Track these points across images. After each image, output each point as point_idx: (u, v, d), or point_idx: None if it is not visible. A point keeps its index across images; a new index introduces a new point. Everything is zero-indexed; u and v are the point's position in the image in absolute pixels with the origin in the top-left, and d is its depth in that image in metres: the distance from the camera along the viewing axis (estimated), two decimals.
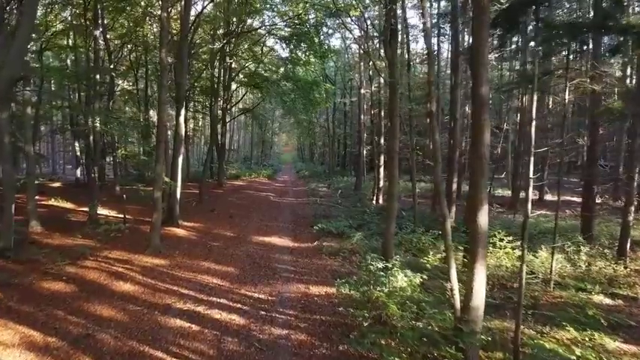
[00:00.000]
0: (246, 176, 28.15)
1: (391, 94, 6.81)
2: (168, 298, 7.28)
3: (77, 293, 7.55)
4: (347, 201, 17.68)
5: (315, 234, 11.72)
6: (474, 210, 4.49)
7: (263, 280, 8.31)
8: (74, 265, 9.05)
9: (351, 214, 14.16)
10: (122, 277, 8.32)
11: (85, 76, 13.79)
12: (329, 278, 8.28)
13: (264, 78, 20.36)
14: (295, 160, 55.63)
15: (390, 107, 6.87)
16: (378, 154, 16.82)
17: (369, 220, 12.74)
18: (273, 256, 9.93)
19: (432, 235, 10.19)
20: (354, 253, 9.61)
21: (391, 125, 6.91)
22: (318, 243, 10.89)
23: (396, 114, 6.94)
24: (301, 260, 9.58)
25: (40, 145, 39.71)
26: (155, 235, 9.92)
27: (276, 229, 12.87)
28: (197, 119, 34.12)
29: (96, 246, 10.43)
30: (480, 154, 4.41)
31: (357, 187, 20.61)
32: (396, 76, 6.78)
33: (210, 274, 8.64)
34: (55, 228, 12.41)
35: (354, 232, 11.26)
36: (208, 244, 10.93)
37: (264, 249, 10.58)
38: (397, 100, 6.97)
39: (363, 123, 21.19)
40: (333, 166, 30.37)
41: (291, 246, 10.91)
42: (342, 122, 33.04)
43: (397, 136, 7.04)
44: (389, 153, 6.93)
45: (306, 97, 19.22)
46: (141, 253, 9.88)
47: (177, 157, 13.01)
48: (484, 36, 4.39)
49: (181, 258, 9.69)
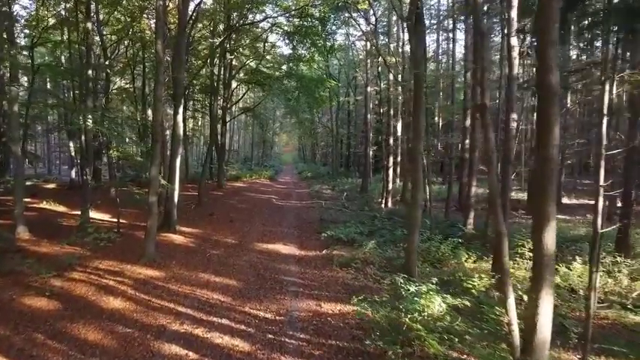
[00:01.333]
0: (247, 177, 27.31)
1: (416, 87, 6.00)
2: (163, 318, 6.46)
3: (61, 311, 6.73)
4: (353, 204, 16.85)
5: (323, 241, 10.90)
6: (540, 226, 3.64)
7: (269, 294, 7.50)
8: (60, 277, 8.23)
9: (359, 218, 13.34)
10: (112, 292, 7.50)
11: (77, 73, 12.96)
12: (342, 293, 7.46)
13: (267, 75, 19.53)
14: (296, 160, 54.77)
15: (414, 102, 6.06)
16: (387, 155, 16.02)
17: (380, 225, 11.92)
18: (278, 267, 9.11)
19: (450, 244, 9.38)
20: (368, 263, 8.78)
21: (415, 123, 6.11)
22: (327, 252, 10.07)
23: (421, 110, 6.13)
24: (310, 271, 8.76)
25: (36, 145, 38.96)
26: (150, 243, 9.10)
27: (280, 236, 12.06)
28: (196, 119, 33.29)
29: (86, 255, 9.61)
30: (548, 156, 3.52)
31: (364, 189, 19.76)
32: (421, 67, 5.97)
33: (210, 287, 7.82)
34: (44, 234, 11.59)
35: (365, 239, 10.44)
36: (208, 253, 10.11)
37: (268, 258, 9.77)
38: (423, 94, 6.16)
39: (369, 122, 20.38)
40: (336, 167, 29.54)
41: (298, 255, 10.09)
42: (345, 122, 32.20)
43: (422, 135, 6.22)
44: (412, 154, 6.11)
45: (310, 95, 18.38)
46: (134, 263, 9.06)
47: (174, 157, 12.20)
48: (553, 7, 3.50)
49: (178, 268, 8.87)
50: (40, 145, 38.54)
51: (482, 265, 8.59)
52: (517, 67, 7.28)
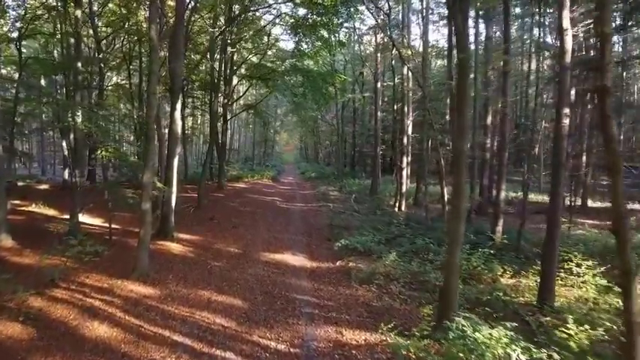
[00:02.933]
0: (248, 178, 26.22)
1: (461, 75, 4.96)
2: (156, 350, 5.43)
3: (36, 342, 5.68)
4: (364, 207, 15.80)
5: (336, 251, 9.85)
6: None
7: (280, 318, 6.46)
8: (40, 295, 7.18)
9: (373, 224, 12.29)
10: (98, 315, 6.45)
11: (67, 66, 11.90)
12: (366, 317, 6.41)
13: (271, 69, 18.43)
14: (298, 160, 53.64)
15: (459, 94, 5.02)
16: (400, 155, 14.96)
17: (397, 232, 10.87)
18: (288, 282, 8.07)
19: (481, 255, 8.33)
20: (391, 279, 7.74)
21: (459, 118, 5.06)
22: (342, 263, 9.04)
23: (466, 103, 5.08)
24: (325, 288, 7.71)
25: (30, 144, 37.81)
26: (142, 254, 8.05)
27: (287, 243, 11.01)
28: (196, 116, 32.22)
29: (72, 267, 8.51)
30: None
31: (373, 191, 18.69)
32: (467, 51, 4.92)
33: (211, 309, 6.78)
34: (28, 241, 10.54)
35: (383, 249, 9.41)
36: (209, 265, 9.06)
37: (276, 271, 8.72)
38: (468, 84, 5.12)
39: (379, 120, 19.31)
40: (342, 167, 28.46)
41: (309, 267, 9.04)
42: (349, 120, 31.06)
43: (467, 133, 5.18)
44: (456, 155, 5.04)
45: (317, 90, 17.29)
46: (125, 278, 8.00)
47: (172, 158, 11.15)
48: None
49: (175, 284, 7.81)
50: (37, 143, 37.38)
51: (522, 281, 7.57)
52: (570, 54, 6.22)
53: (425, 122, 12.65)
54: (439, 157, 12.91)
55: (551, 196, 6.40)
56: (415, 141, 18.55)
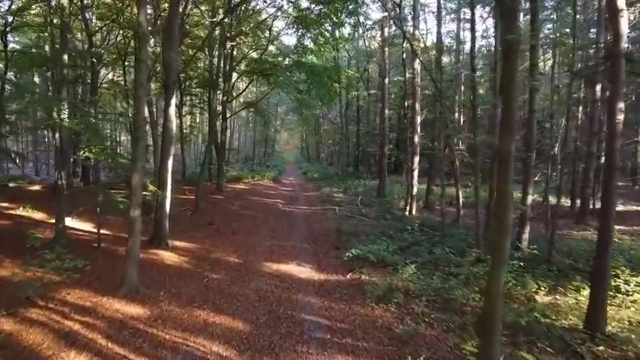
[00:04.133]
0: (249, 178, 25.30)
1: (508, 60, 4.06)
2: None
3: None
4: (371, 210, 14.90)
5: (346, 261, 8.94)
6: None
7: (286, 345, 5.57)
8: (14, 316, 6.31)
9: (384, 230, 11.41)
10: (77, 342, 5.56)
11: (52, 59, 11.00)
12: (387, 344, 5.52)
13: (273, 64, 17.48)
14: (298, 159, 52.66)
15: (504, 83, 4.14)
16: (411, 155, 14.06)
17: (412, 240, 9.97)
18: (294, 298, 7.18)
19: (511, 269, 7.44)
20: (412, 297, 6.85)
21: (506, 112, 4.19)
22: (354, 276, 8.15)
23: (513, 95, 4.19)
24: (336, 307, 6.82)
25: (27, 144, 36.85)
26: (131, 268, 7.16)
27: (292, 252, 10.13)
28: (194, 115, 31.31)
29: (53, 281, 7.60)
30: None
31: (380, 194, 17.77)
32: (516, 30, 4.03)
33: (208, 333, 5.89)
34: (10, 249, 9.66)
35: (398, 259, 8.52)
36: (206, 277, 8.17)
37: (280, 285, 7.83)
38: (517, 71, 4.23)
39: (386, 118, 18.37)
40: (345, 167, 27.53)
41: (317, 280, 8.15)
42: (352, 119, 30.09)
43: (514, 130, 4.29)
44: (501, 157, 4.16)
45: (323, 87, 16.35)
46: (111, 295, 7.12)
47: (166, 158, 10.25)
48: None
49: (167, 302, 6.92)
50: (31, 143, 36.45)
51: (561, 300, 6.68)
52: (624, 39, 5.34)
53: (439, 119, 11.76)
54: (454, 157, 12.05)
55: (602, 204, 5.54)
56: (423, 140, 17.69)
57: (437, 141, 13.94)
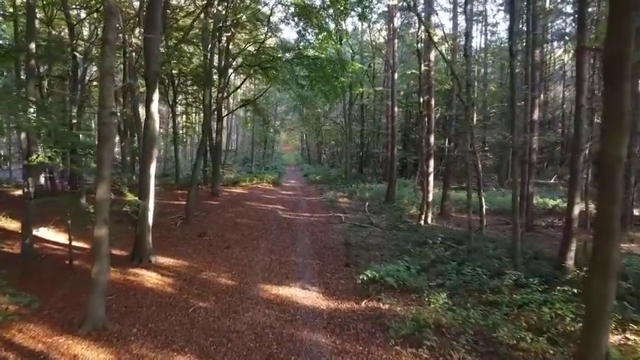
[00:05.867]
0: (247, 182, 23.87)
1: (620, 39, 2.70)
2: None
3: None
4: (381, 218, 13.48)
5: (359, 283, 7.52)
6: None
7: None
8: None
9: (399, 242, 10.02)
10: None
11: (19, 49, 9.62)
12: None
13: (272, 57, 16.06)
14: (299, 161, 51.15)
15: (611, 73, 2.77)
16: (427, 157, 12.66)
17: (434, 257, 8.53)
18: (298, 336, 5.77)
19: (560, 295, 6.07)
20: (448, 336, 5.44)
21: (612, 104, 2.82)
22: (370, 304, 6.75)
23: (623, 88, 2.82)
24: (351, 349, 5.41)
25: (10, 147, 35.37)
26: (96, 301, 5.76)
27: (294, 270, 8.73)
28: (189, 114, 29.90)
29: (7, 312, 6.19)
30: None
31: (389, 199, 16.33)
32: None
33: None
34: None
35: (422, 282, 7.12)
36: (191, 306, 6.77)
37: (281, 317, 6.42)
38: (632, 55, 2.86)
39: (395, 116, 16.95)
40: (349, 169, 26.05)
41: (326, 309, 6.75)
42: (355, 118, 28.63)
43: (625, 130, 2.89)
44: (606, 166, 2.73)
45: (327, 82, 14.94)
46: (71, 333, 5.73)
47: (148, 162, 8.87)
48: None
49: (140, 344, 5.52)
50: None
51: (632, 339, 5.27)
52: None
53: (467, 118, 10.38)
54: (476, 159, 10.67)
55: None
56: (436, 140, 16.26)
57: (453, 141, 12.55)
